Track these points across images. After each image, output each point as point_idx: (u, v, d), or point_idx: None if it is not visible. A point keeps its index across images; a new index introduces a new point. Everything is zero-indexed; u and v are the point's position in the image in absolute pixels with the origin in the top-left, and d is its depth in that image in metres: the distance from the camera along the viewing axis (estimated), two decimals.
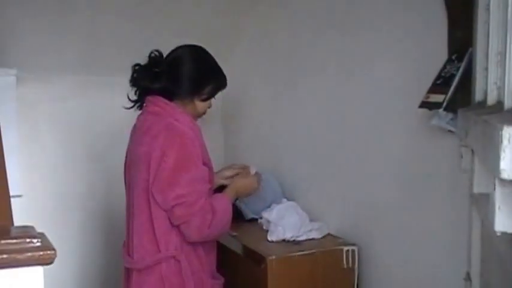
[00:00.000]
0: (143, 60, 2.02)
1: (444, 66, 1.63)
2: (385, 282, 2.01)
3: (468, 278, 1.40)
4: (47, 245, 0.93)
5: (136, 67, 2.00)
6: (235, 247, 2.20)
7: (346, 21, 2.15)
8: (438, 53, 1.67)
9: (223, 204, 1.99)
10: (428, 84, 1.65)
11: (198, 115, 2.06)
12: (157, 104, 1.98)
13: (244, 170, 2.24)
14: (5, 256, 0.89)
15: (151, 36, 2.07)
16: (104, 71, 2.26)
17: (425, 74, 1.69)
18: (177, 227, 1.92)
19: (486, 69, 1.19)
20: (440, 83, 1.61)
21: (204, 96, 2.03)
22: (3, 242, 0.91)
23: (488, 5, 1.15)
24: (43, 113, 2.68)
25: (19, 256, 0.90)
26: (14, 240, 0.92)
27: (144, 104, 2.02)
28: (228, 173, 2.25)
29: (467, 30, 1.47)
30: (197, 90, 2.00)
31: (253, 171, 2.21)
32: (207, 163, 1.99)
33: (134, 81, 2.01)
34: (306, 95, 2.42)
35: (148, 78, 1.99)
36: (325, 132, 2.31)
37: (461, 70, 1.56)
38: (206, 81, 2.02)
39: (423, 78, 1.69)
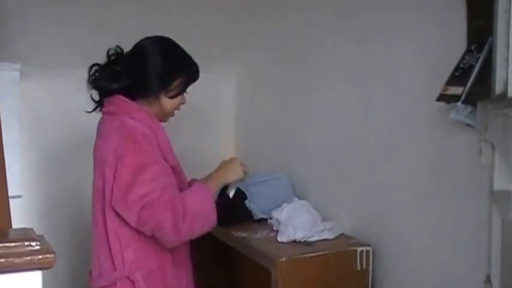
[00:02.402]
0: None
1: (463, 57, 1.61)
2: (401, 285, 2.00)
3: (488, 280, 1.39)
4: (46, 248, 0.93)
5: (94, 67, 1.90)
6: (244, 248, 2.20)
7: (362, 12, 2.14)
8: (457, 43, 1.65)
9: (193, 190, 1.84)
10: (447, 76, 1.64)
11: (167, 114, 1.93)
12: (113, 102, 1.87)
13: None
14: (1, 260, 0.89)
15: (159, 32, 2.06)
16: None
17: (443, 65, 1.68)
18: (137, 241, 1.80)
19: (507, 60, 1.19)
20: (459, 75, 1.60)
21: (172, 93, 1.89)
22: (0, 245, 0.91)
23: None
24: (47, 110, 2.68)
25: (17, 260, 0.90)
26: (12, 244, 0.91)
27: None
28: None
29: (487, 19, 1.46)
30: (163, 86, 1.87)
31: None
32: (172, 162, 1.89)
33: (92, 83, 1.90)
34: (319, 92, 2.41)
35: (107, 78, 1.87)
36: (338, 129, 2.30)
37: (480, 61, 1.54)
38: (171, 75, 1.88)
39: (441, 70, 1.68)
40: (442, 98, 1.64)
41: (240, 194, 2.44)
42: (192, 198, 1.80)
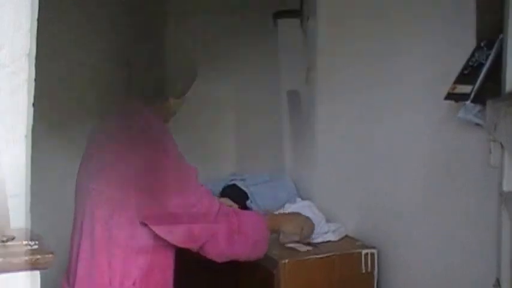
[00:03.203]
0: None
1: (472, 55, 1.61)
2: None
3: (498, 284, 1.39)
4: (44, 248, 0.93)
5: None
6: None
7: (366, 11, 2.13)
8: (466, 40, 1.65)
9: (252, 215, 1.91)
10: (455, 74, 1.64)
11: (172, 115, 1.93)
12: (128, 106, 1.87)
13: None
14: None
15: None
16: None
17: (451, 63, 1.68)
18: (145, 256, 1.71)
19: None
20: (468, 73, 1.60)
21: (179, 93, 1.89)
22: None
23: None
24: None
25: (14, 260, 0.90)
26: (9, 243, 0.92)
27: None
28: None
29: (497, 14, 1.45)
30: (171, 89, 1.86)
31: None
32: None
33: None
34: (323, 92, 2.40)
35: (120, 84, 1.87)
36: (343, 127, 2.29)
37: (490, 58, 1.54)
38: (178, 73, 1.87)
39: (449, 67, 1.67)
40: (450, 96, 1.64)
41: (242, 194, 2.44)
42: (249, 220, 1.82)
